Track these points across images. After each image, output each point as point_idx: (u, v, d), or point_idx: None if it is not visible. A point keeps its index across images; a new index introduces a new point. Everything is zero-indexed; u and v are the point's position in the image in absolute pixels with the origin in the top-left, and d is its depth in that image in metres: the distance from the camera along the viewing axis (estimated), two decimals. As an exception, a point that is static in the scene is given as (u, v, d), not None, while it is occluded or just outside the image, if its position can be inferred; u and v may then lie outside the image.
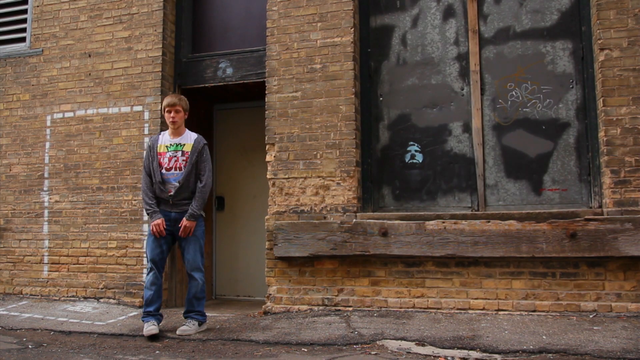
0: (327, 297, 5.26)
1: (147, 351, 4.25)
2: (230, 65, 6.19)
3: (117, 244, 6.07)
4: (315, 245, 5.20)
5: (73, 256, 6.24)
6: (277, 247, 5.31)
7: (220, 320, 5.24)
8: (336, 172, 5.35)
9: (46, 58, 6.65)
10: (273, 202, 5.51)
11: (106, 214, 6.15)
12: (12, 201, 6.59)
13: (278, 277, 5.41)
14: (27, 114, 6.63)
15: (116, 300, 5.98)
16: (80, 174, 6.30)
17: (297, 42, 5.62)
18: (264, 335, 4.56)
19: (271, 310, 5.37)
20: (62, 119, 6.48)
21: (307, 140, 5.47)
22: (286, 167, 5.50)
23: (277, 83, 5.63)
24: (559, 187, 5.08)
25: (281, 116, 5.58)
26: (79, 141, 6.37)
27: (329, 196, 5.34)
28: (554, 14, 5.22)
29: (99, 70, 6.38)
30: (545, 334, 4.20)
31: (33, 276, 6.38)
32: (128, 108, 6.20)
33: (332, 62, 5.48)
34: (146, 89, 6.15)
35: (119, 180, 6.14)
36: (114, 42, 6.35)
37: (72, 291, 6.18)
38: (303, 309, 5.29)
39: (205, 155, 4.89)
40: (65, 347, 4.44)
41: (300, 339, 4.39)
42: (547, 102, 5.16)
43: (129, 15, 6.33)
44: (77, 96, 6.44)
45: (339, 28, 5.50)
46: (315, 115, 5.47)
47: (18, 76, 6.76)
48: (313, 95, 5.51)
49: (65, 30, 6.60)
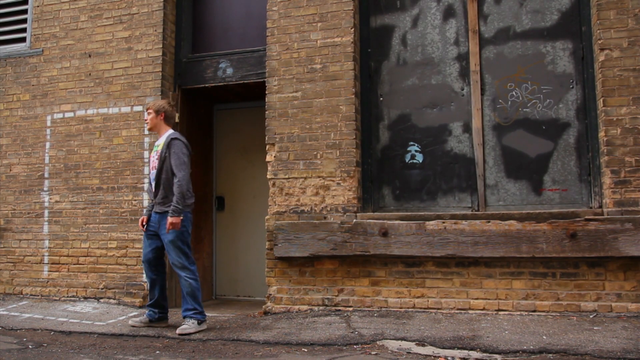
0: (327, 297, 5.26)
1: (147, 351, 4.25)
2: (231, 65, 6.19)
3: (117, 244, 6.07)
4: (316, 245, 5.20)
5: (73, 256, 6.24)
6: (277, 247, 5.31)
7: (220, 320, 5.24)
8: (336, 172, 5.35)
9: (46, 58, 6.65)
10: (273, 202, 5.51)
11: (106, 214, 6.15)
12: (12, 201, 6.60)
13: (278, 277, 5.41)
14: (27, 114, 6.63)
15: (116, 301, 5.98)
16: (80, 174, 6.30)
17: (297, 42, 5.62)
18: (264, 336, 4.56)
19: (271, 310, 5.37)
20: (63, 119, 6.48)
21: (307, 141, 5.47)
22: (286, 167, 5.50)
23: (277, 83, 5.63)
24: (559, 187, 5.08)
25: (281, 116, 5.58)
26: (79, 141, 6.37)
27: (329, 196, 5.34)
28: (554, 14, 5.22)
29: (99, 70, 6.38)
30: (546, 334, 4.20)
31: (33, 276, 6.38)
32: (128, 108, 6.20)
33: (333, 62, 5.48)
34: (146, 89, 6.15)
35: (119, 180, 6.14)
36: (114, 42, 6.35)
37: (73, 291, 6.18)
38: (303, 309, 5.29)
39: (174, 150, 4.87)
40: (66, 347, 4.44)
41: (300, 339, 4.39)
42: (547, 102, 5.16)
43: (129, 16, 6.33)
44: (78, 96, 6.44)
45: (339, 28, 5.50)
46: (315, 116, 5.47)
47: (18, 76, 6.76)
48: (313, 95, 5.51)
49: (65, 31, 6.60)
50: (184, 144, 4.95)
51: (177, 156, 4.86)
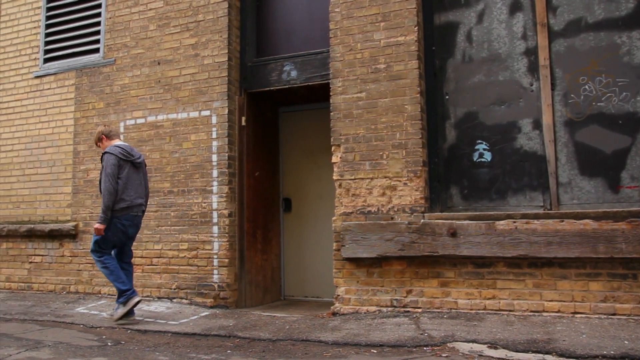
0: (395, 298, 5.22)
1: (219, 350, 4.34)
2: (295, 67, 6.24)
3: (188, 245, 6.24)
4: (383, 246, 5.18)
5: (147, 257, 6.46)
6: (345, 248, 5.32)
7: (289, 321, 5.30)
8: (403, 172, 5.30)
9: (118, 67, 6.91)
10: (340, 203, 5.52)
11: (177, 216, 6.33)
12: (89, 205, 6.89)
13: (346, 278, 5.41)
14: (102, 122, 6.90)
15: (188, 301, 6.14)
16: (152, 178, 6.50)
17: (360, 42, 5.61)
18: (333, 336, 4.58)
19: (339, 311, 5.38)
20: (134, 125, 6.72)
21: (372, 141, 5.45)
22: (352, 168, 5.50)
23: (341, 84, 5.64)
24: (638, 185, 4.85)
25: (346, 117, 5.58)
26: (150, 146, 6.58)
27: (396, 197, 5.30)
28: (629, 2, 4.99)
29: (168, 77, 6.58)
30: (627, 338, 4.01)
31: (110, 277, 6.63)
32: (196, 113, 6.36)
33: (396, 62, 5.44)
34: (213, 94, 6.29)
35: (188, 183, 6.31)
36: (182, 49, 6.53)
37: (147, 291, 6.39)
38: (371, 310, 5.27)
39: (103, 163, 5.46)
40: (142, 345, 4.59)
41: (369, 340, 4.38)
42: (623, 96, 4.94)
43: (195, 23, 6.49)
44: (148, 103, 6.66)
45: (402, 27, 5.45)
46: (380, 116, 5.45)
47: (93, 85, 7.05)
48: (378, 95, 5.48)
49: (135, 40, 6.84)
50: (113, 155, 5.43)
51: (104, 169, 5.42)
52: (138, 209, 5.53)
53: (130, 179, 5.46)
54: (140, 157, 5.63)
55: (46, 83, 7.42)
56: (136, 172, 5.55)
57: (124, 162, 5.45)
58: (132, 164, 5.51)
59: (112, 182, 5.33)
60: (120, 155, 5.43)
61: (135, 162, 5.54)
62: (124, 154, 5.47)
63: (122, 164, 5.44)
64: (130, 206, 5.44)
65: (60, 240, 7.02)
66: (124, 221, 5.42)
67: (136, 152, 5.62)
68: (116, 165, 5.39)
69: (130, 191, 5.45)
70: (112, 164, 5.38)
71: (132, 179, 5.48)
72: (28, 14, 7.69)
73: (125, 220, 5.43)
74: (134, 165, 5.53)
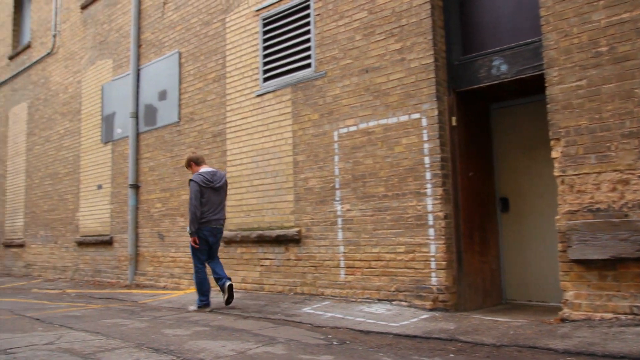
0: (636, 305, 4.69)
1: (441, 354, 4.32)
2: (504, 61, 5.98)
3: (405, 248, 6.30)
4: (617, 246, 4.70)
5: (365, 260, 6.67)
6: (572, 249, 4.94)
7: (513, 326, 5.08)
8: (636, 164, 4.76)
9: (329, 79, 7.27)
10: (563, 201, 5.14)
11: (393, 220, 6.44)
12: (310, 211, 7.34)
13: (574, 282, 5.02)
14: (317, 132, 7.32)
15: (407, 303, 6.21)
16: (367, 183, 6.71)
17: (576, 26, 5.17)
18: (564, 344, 4.28)
19: (569, 317, 5.01)
20: (347, 133, 7.00)
21: (597, 132, 4.99)
22: (575, 162, 5.09)
23: (557, 74, 5.26)
24: None
25: (565, 108, 5.19)
26: (363, 152, 6.80)
27: (629, 191, 4.78)
28: None
29: (376, 83, 6.73)
30: None
31: (332, 279, 7.00)
32: (406, 117, 6.41)
33: (621, 42, 4.91)
34: (422, 96, 6.29)
35: (402, 187, 6.38)
36: (388, 55, 6.64)
37: (367, 293, 6.60)
38: (607, 317, 4.81)
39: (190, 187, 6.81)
40: (365, 345, 4.75)
41: (606, 351, 4.01)
42: None
43: (399, 28, 6.56)
44: (359, 110, 6.89)
45: (626, 2, 4.90)
46: (605, 104, 4.97)
47: (307, 98, 7.51)
48: (600, 81, 5.00)
49: (343, 51, 7.13)
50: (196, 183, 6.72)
51: (190, 194, 6.72)
52: (216, 223, 6.87)
53: (210, 200, 6.77)
54: (221, 181, 6.90)
55: (266, 100, 8.09)
56: (216, 194, 6.84)
57: (205, 188, 6.73)
58: (212, 189, 6.78)
59: (191, 206, 6.66)
60: (201, 183, 6.72)
61: (215, 187, 6.81)
62: (205, 181, 6.74)
63: (204, 190, 6.73)
64: (209, 220, 6.78)
65: (286, 245, 7.59)
66: (204, 232, 6.78)
67: (217, 178, 6.88)
68: (198, 191, 6.70)
69: (210, 209, 6.78)
70: (195, 190, 6.69)
71: (211, 200, 6.79)
72: (248, 39, 8.47)
73: (205, 231, 6.78)
74: (214, 189, 6.81)
